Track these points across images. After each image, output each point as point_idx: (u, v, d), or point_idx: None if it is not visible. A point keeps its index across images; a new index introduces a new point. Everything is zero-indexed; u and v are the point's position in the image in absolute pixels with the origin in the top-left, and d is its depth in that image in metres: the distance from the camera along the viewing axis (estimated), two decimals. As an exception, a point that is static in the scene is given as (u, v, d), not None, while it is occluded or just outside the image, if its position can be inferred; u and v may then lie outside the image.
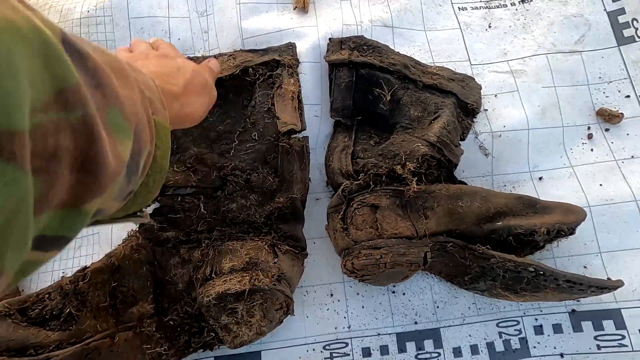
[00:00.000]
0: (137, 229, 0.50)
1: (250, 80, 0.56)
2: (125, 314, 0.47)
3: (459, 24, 0.68)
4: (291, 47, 0.57)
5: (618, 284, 0.47)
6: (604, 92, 0.64)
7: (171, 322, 0.49)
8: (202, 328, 0.50)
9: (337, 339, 0.55)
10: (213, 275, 0.47)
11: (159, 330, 0.48)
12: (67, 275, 0.48)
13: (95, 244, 0.58)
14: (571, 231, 0.50)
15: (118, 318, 0.46)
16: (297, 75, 0.55)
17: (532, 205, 0.50)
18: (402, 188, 0.51)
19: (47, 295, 0.43)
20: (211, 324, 0.48)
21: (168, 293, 0.49)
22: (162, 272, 0.49)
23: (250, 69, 0.55)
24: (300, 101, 0.56)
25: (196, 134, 0.53)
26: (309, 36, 0.63)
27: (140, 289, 0.47)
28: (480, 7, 0.69)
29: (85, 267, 0.46)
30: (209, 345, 0.51)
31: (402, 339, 0.55)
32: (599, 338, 0.53)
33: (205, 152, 0.51)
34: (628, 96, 0.63)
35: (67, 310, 0.43)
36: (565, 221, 0.48)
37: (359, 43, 0.59)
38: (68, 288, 0.44)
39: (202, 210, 0.50)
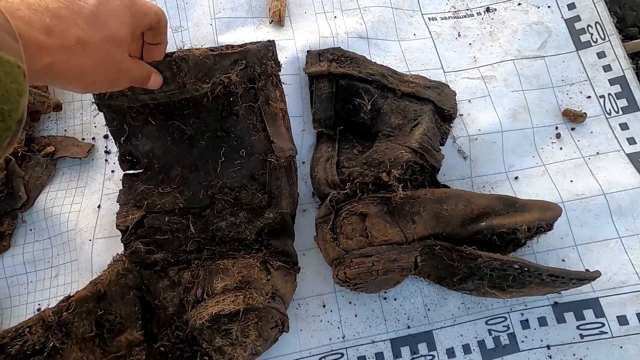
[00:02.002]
0: (124, 253, 0.48)
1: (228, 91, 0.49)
2: (113, 344, 0.45)
3: (430, 33, 0.71)
4: (271, 47, 0.50)
5: (596, 275, 0.49)
6: (567, 94, 0.68)
7: (162, 349, 0.48)
8: (195, 352, 0.48)
9: (332, 350, 0.55)
10: (205, 297, 0.45)
11: (149, 358, 0.47)
12: (45, 308, 0.46)
13: (74, 272, 0.56)
14: (549, 227, 0.52)
15: (105, 348, 0.44)
16: (281, 83, 0.53)
17: (512, 205, 0.52)
18: (388, 195, 0.52)
19: (27, 329, 0.41)
20: (204, 348, 0.47)
21: (157, 318, 0.48)
22: (150, 296, 0.47)
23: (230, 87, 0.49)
24: (288, 116, 0.55)
25: (177, 151, 0.51)
26: (287, 49, 0.63)
27: (128, 315, 0.45)
28: (449, 17, 0.72)
29: (70, 297, 0.44)
30: (202, 369, 0.50)
31: (396, 344, 0.55)
32: (581, 327, 0.56)
33: (190, 172, 0.50)
34: (589, 97, 0.68)
35: (51, 344, 0.40)
36: (544, 217, 0.51)
37: (337, 55, 0.60)
38: (51, 320, 0.41)
39: (191, 230, 0.49)
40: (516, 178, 0.64)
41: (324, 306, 0.57)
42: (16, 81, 0.25)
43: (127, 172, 0.51)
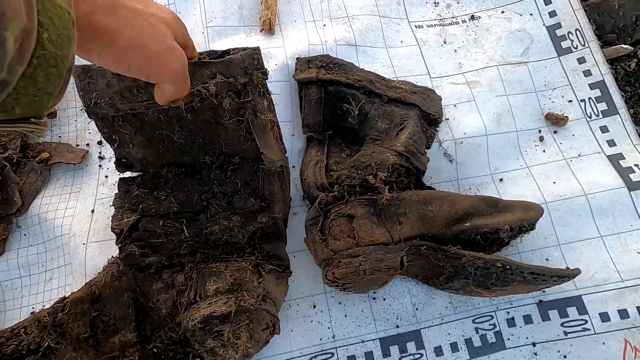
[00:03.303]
0: (118, 256, 0.49)
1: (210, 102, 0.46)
2: (107, 345, 0.46)
3: (416, 40, 0.73)
4: (256, 55, 0.47)
5: (576, 272, 0.51)
6: (549, 98, 0.70)
7: (155, 350, 0.49)
8: (187, 354, 0.49)
9: (322, 350, 0.56)
10: (198, 299, 0.46)
11: (143, 359, 0.47)
12: (38, 310, 0.47)
13: (67, 275, 0.56)
14: (531, 226, 0.54)
15: (99, 349, 0.45)
16: (269, 92, 0.52)
17: (495, 205, 0.54)
18: (375, 197, 0.53)
19: (22, 330, 0.42)
20: (197, 349, 0.48)
21: (151, 320, 0.48)
22: (144, 298, 0.48)
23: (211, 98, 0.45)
24: (278, 125, 0.56)
25: (169, 157, 0.51)
26: (277, 57, 0.65)
27: (121, 317, 0.46)
28: (435, 24, 0.75)
29: (65, 298, 0.45)
30: (194, 371, 0.50)
31: (385, 343, 0.57)
32: (565, 325, 0.57)
33: (184, 177, 0.51)
34: (570, 101, 0.70)
35: (46, 344, 0.41)
36: (526, 217, 0.53)
37: (326, 61, 0.62)
38: (46, 320, 0.42)
39: (185, 233, 0.49)
40: (501, 180, 0.65)
41: (314, 307, 0.58)
42: (67, 27, 0.25)
43: (123, 175, 0.52)
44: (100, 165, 0.63)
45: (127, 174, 0.52)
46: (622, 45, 0.73)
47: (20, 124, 0.26)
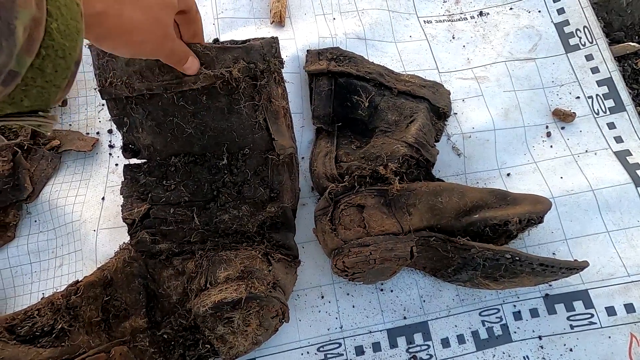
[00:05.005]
0: (130, 242, 0.49)
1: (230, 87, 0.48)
2: (118, 329, 0.46)
3: (425, 35, 0.73)
4: (274, 44, 0.50)
5: (584, 264, 0.51)
6: (557, 94, 0.71)
7: (165, 336, 0.49)
8: (197, 340, 0.50)
9: (330, 340, 0.56)
10: (208, 285, 0.47)
11: (153, 345, 0.48)
12: (52, 293, 0.47)
13: (78, 262, 0.57)
14: (540, 220, 0.54)
15: (110, 333, 0.45)
16: (283, 80, 0.53)
17: (504, 198, 0.54)
18: (385, 187, 0.53)
19: (36, 312, 0.42)
20: (207, 335, 0.48)
21: (161, 306, 0.49)
22: (155, 284, 0.49)
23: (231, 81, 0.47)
24: (290, 114, 0.56)
25: (177, 147, 0.50)
26: (287, 49, 0.65)
27: (133, 302, 0.47)
28: (443, 20, 0.75)
29: (78, 281, 0.45)
30: (204, 357, 0.51)
31: (392, 334, 0.57)
32: (571, 318, 0.58)
33: (193, 166, 0.51)
34: (578, 97, 0.70)
35: (59, 326, 0.41)
36: (534, 210, 0.53)
37: (336, 54, 0.62)
38: (60, 303, 0.43)
39: (195, 222, 0.50)
40: (508, 175, 0.66)
41: (323, 297, 0.58)
42: (75, 19, 0.25)
43: (129, 162, 0.52)
44: (110, 154, 0.63)
45: (133, 161, 0.52)
46: (630, 43, 0.73)
47: (28, 117, 0.26)
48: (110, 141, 0.64)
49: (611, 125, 0.68)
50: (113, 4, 0.30)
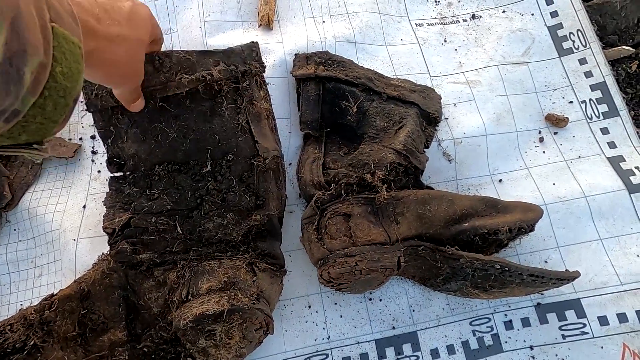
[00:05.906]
0: (109, 252, 0.48)
1: (212, 91, 0.49)
2: (95, 343, 0.44)
3: (417, 39, 0.72)
4: (255, 48, 0.51)
5: (575, 275, 0.50)
6: (550, 99, 0.70)
7: (145, 349, 0.47)
8: (179, 354, 0.48)
9: (317, 351, 0.55)
10: (190, 297, 0.45)
11: (132, 359, 0.46)
12: (26, 307, 0.45)
13: (57, 272, 0.55)
14: (531, 228, 0.53)
15: (87, 348, 0.44)
16: (265, 84, 0.54)
17: (494, 206, 0.53)
18: (372, 196, 0.52)
19: (8, 327, 0.41)
20: (188, 349, 0.47)
21: (142, 318, 0.47)
22: (135, 296, 0.47)
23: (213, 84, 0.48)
24: (273, 117, 0.56)
25: (160, 155, 0.50)
26: (275, 52, 0.64)
27: (111, 315, 0.45)
28: (435, 23, 0.74)
29: (53, 295, 0.44)
30: (186, 371, 0.49)
31: (381, 345, 0.56)
32: (563, 328, 0.57)
33: (177, 174, 0.50)
34: (571, 102, 0.69)
35: (32, 342, 0.40)
36: (525, 219, 0.52)
37: (324, 58, 0.61)
38: (33, 318, 0.41)
39: (178, 230, 0.49)
40: (500, 181, 0.65)
41: (310, 307, 0.57)
42: (77, 61, 0.26)
43: (114, 174, 0.51)
44: (92, 160, 0.61)
45: (119, 174, 0.51)
46: (624, 47, 0.72)
47: (22, 149, 0.27)
48: (93, 147, 0.62)
49: (604, 131, 0.67)
50: (104, 42, 0.34)
